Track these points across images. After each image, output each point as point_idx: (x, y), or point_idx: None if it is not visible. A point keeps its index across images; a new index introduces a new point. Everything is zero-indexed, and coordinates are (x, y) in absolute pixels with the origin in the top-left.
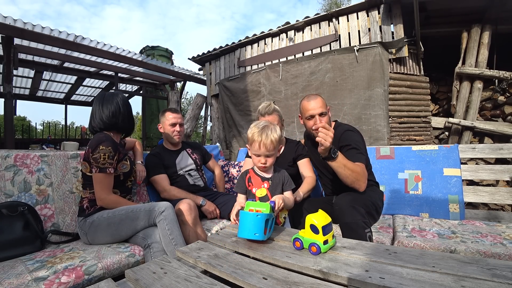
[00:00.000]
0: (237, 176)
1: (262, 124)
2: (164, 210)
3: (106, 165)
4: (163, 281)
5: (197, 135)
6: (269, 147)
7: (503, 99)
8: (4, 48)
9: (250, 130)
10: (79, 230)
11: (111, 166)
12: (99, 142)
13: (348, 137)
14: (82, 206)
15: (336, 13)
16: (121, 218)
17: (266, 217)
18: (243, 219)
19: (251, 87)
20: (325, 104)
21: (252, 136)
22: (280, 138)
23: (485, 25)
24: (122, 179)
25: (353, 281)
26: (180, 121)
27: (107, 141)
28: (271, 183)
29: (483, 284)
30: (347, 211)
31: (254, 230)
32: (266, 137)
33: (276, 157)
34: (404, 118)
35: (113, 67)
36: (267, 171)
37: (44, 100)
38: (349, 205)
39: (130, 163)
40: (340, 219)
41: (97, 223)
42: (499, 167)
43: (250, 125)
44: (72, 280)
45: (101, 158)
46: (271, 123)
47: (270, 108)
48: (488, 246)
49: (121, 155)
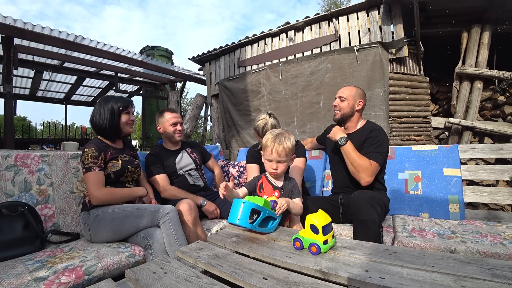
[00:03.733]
0: (237, 176)
1: (277, 131)
2: (170, 212)
3: (90, 164)
4: (163, 281)
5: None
6: (281, 154)
7: (503, 99)
8: (4, 48)
9: (265, 137)
10: (82, 224)
11: (95, 165)
12: (85, 147)
13: (375, 135)
14: (85, 201)
15: (336, 13)
16: (126, 214)
17: (253, 206)
18: (232, 206)
19: (251, 87)
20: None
21: (266, 141)
22: (293, 147)
23: (485, 25)
24: (114, 178)
25: (353, 281)
26: (180, 120)
27: (91, 143)
28: (282, 192)
29: (483, 284)
30: (365, 208)
31: (238, 215)
32: (279, 143)
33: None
34: (404, 118)
35: (113, 67)
36: (278, 178)
37: (44, 100)
38: (368, 202)
39: (123, 163)
40: (356, 215)
41: (101, 217)
42: (499, 167)
43: (249, 125)
44: (72, 280)
45: (85, 159)
46: (286, 131)
47: (267, 128)
48: (488, 246)
49: (109, 155)
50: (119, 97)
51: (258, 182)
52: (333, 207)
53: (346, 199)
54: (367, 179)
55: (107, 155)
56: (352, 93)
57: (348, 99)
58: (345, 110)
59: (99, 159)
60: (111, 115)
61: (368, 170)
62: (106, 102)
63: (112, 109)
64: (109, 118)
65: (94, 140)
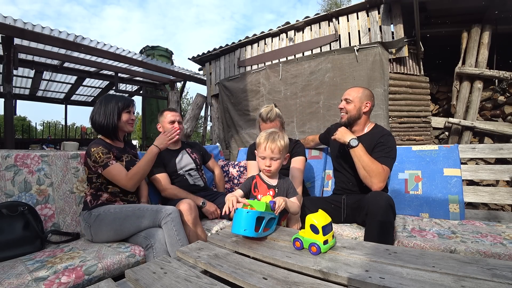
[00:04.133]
0: (237, 176)
1: (271, 130)
2: (172, 213)
3: (105, 160)
4: (163, 281)
5: (197, 135)
6: (274, 150)
7: (503, 99)
8: (4, 48)
9: (259, 135)
10: (83, 224)
11: (110, 159)
12: (90, 147)
13: (386, 140)
14: (86, 201)
15: (336, 13)
16: (127, 214)
17: (258, 214)
18: (236, 216)
19: (250, 87)
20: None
21: (260, 139)
22: (286, 146)
23: (485, 25)
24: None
25: (353, 281)
26: (179, 119)
27: (96, 144)
28: (276, 191)
29: (483, 284)
30: (384, 209)
31: (244, 226)
32: (272, 140)
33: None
34: (404, 118)
35: (113, 67)
36: (273, 177)
37: (44, 100)
38: (388, 204)
39: (126, 165)
40: (375, 216)
41: (102, 217)
42: (499, 167)
43: (249, 125)
44: (72, 280)
45: (97, 157)
46: (281, 131)
47: (272, 114)
48: (488, 246)
49: (114, 154)
50: (120, 96)
51: (252, 182)
52: (335, 208)
53: (351, 200)
54: (379, 184)
55: (114, 153)
56: (358, 94)
57: (355, 101)
58: (352, 112)
59: (110, 153)
60: (111, 114)
61: (380, 175)
62: (107, 100)
63: (113, 108)
64: (109, 117)
65: (97, 140)
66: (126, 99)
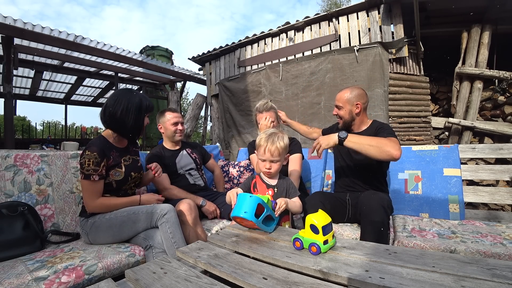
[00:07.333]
0: (237, 176)
1: (270, 131)
2: (166, 213)
3: (90, 171)
4: (163, 281)
5: (197, 135)
6: (273, 153)
7: (503, 99)
8: (4, 48)
9: (259, 136)
10: (81, 230)
11: (96, 173)
12: (87, 147)
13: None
14: (83, 206)
15: (336, 13)
16: (123, 220)
17: (259, 201)
18: (238, 199)
19: (252, 87)
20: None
21: (259, 141)
22: (286, 147)
23: (485, 25)
24: (116, 187)
25: (353, 281)
26: (181, 120)
27: (94, 146)
28: (276, 191)
29: (483, 284)
30: (376, 209)
31: (245, 209)
32: (272, 142)
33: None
34: (404, 118)
35: (113, 67)
36: (272, 177)
37: (44, 100)
38: (379, 204)
39: (126, 171)
40: (366, 216)
41: (98, 224)
42: (499, 167)
43: (251, 125)
44: (72, 280)
45: (85, 164)
46: (280, 131)
47: (267, 105)
48: (488, 246)
49: (111, 161)
50: (143, 95)
51: (251, 181)
52: (342, 206)
53: (354, 199)
54: (396, 152)
55: (109, 161)
56: (346, 97)
57: (344, 106)
58: (345, 117)
59: (100, 166)
60: (138, 112)
61: (391, 143)
62: (132, 96)
63: (140, 106)
64: (136, 114)
65: (97, 140)
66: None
